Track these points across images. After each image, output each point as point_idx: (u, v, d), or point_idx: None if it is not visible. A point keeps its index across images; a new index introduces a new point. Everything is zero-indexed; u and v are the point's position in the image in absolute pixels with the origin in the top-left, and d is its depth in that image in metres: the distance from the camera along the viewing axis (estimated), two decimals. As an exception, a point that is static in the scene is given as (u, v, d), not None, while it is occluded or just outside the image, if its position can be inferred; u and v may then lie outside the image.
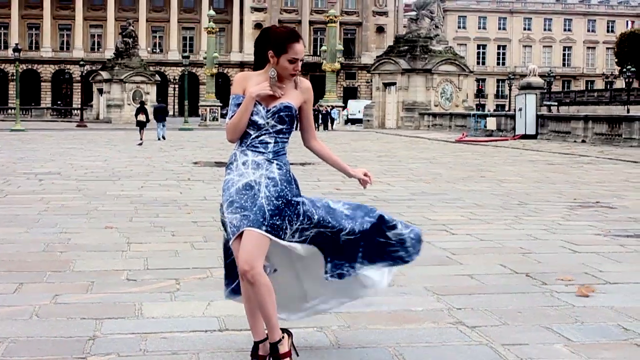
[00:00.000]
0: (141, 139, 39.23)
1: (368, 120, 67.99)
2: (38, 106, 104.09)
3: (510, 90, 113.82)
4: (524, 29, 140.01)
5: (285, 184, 5.22)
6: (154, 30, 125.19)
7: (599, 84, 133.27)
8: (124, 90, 79.41)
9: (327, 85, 74.46)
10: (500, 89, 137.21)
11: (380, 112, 66.19)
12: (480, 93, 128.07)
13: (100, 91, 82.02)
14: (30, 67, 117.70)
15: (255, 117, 5.22)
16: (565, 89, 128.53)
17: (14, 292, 7.40)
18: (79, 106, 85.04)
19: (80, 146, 35.84)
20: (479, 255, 9.50)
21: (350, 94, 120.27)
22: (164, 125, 44.92)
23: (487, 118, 52.91)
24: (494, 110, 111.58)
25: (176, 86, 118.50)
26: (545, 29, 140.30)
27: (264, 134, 5.25)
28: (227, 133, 5.32)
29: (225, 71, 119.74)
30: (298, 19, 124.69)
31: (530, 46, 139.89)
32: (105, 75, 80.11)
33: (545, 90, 79.80)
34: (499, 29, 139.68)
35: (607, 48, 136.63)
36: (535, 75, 51.12)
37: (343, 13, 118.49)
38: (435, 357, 5.54)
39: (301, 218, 5.23)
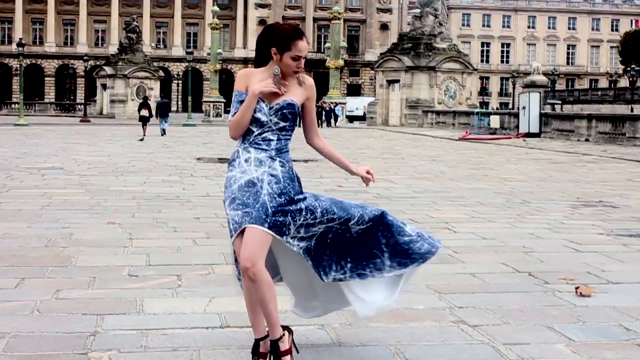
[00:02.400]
0: (144, 135, 39.56)
1: (371, 118, 67.98)
2: (41, 101, 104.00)
3: (514, 88, 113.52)
4: (528, 27, 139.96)
5: (287, 181, 5.22)
6: (157, 26, 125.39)
7: (603, 83, 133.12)
8: (128, 86, 79.49)
9: (331, 82, 74.51)
10: (504, 87, 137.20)
11: (384, 109, 66.12)
12: (484, 91, 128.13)
13: (104, 86, 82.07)
14: (34, 62, 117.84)
15: (258, 115, 5.21)
16: (569, 88, 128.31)
17: (16, 287, 7.40)
18: (83, 101, 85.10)
19: (84, 141, 35.86)
20: (481, 254, 9.48)
21: (353, 91, 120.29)
22: (166, 121, 45.38)
23: (491, 116, 52.88)
24: (498, 108, 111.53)
25: (180, 82, 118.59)
26: (549, 27, 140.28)
27: (267, 131, 5.24)
28: (229, 130, 5.31)
29: (229, 67, 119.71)
30: (302, 15, 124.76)
31: (535, 44, 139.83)
32: (109, 70, 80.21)
33: (549, 89, 79.67)
34: (503, 26, 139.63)
35: (612, 47, 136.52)
36: (539, 73, 50.99)
37: (347, 10, 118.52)
38: (437, 356, 5.54)
39: (304, 213, 5.22)
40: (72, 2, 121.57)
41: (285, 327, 5.33)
